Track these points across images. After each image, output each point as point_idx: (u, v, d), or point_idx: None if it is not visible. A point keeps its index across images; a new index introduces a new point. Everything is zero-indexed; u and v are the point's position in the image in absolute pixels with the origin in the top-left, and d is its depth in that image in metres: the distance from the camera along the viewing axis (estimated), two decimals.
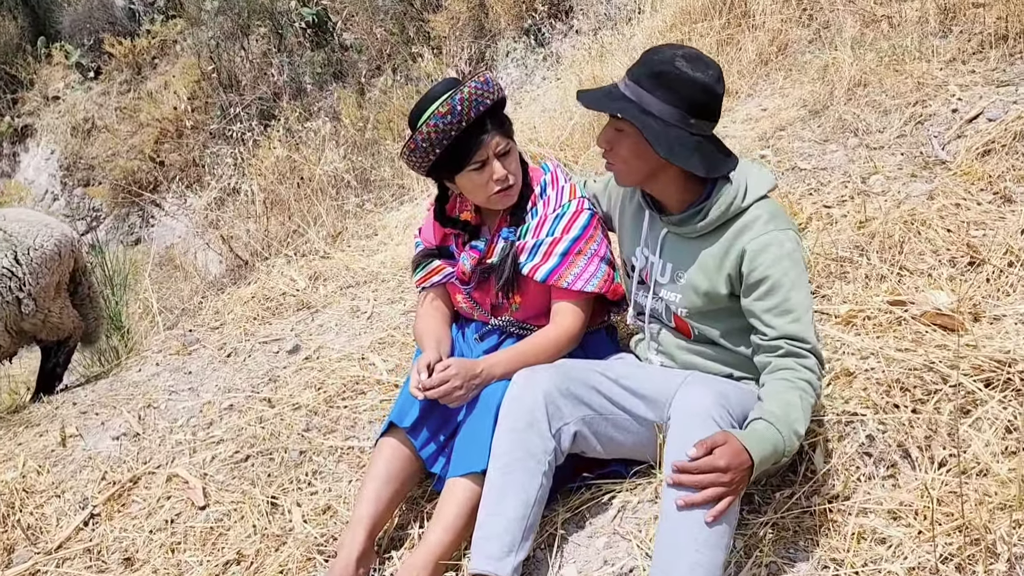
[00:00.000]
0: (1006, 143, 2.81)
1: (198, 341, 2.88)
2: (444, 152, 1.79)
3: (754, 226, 1.60)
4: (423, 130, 1.76)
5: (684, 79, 1.56)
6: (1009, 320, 1.92)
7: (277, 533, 1.92)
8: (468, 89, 1.75)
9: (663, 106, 1.57)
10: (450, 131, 1.76)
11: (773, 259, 1.56)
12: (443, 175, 1.88)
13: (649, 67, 1.59)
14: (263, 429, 2.29)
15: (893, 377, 1.83)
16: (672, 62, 1.57)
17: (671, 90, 1.56)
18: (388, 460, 1.80)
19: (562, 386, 1.68)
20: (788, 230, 1.61)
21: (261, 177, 4.50)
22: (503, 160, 1.82)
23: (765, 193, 1.65)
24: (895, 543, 1.50)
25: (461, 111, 1.74)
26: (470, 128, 1.77)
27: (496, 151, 1.81)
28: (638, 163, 1.64)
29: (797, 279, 1.56)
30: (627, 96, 1.60)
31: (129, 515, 2.09)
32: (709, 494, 1.39)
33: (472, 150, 1.79)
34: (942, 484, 1.59)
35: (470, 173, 1.81)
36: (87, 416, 2.55)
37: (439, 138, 1.76)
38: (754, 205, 1.63)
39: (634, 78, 1.61)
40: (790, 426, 1.46)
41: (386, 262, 3.14)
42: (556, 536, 1.71)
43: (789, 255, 1.57)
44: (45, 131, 10.51)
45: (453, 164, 1.81)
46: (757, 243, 1.57)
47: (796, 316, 1.54)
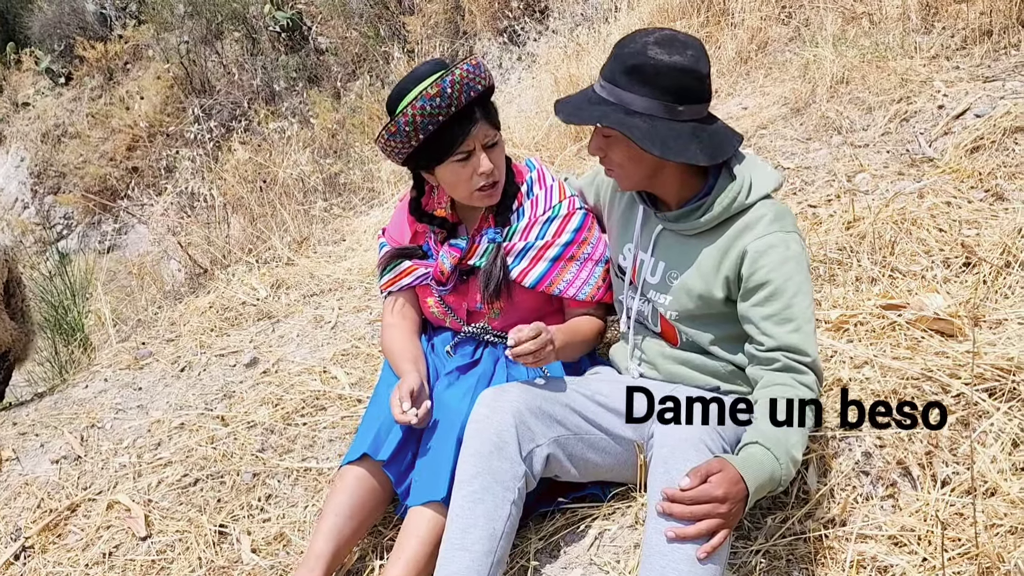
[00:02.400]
0: (995, 139, 2.70)
1: (151, 354, 2.68)
2: (427, 139, 1.62)
3: (757, 226, 1.45)
4: (407, 112, 1.58)
5: (662, 67, 1.40)
6: (1011, 324, 1.79)
7: (223, 565, 1.74)
8: (460, 71, 1.58)
9: (646, 101, 1.41)
10: (437, 116, 1.58)
11: (776, 262, 1.40)
12: (422, 165, 1.70)
13: (622, 62, 1.44)
14: (215, 450, 2.11)
15: (889, 388, 1.69)
16: (645, 52, 1.42)
17: (650, 83, 1.41)
18: (352, 492, 1.62)
19: (533, 404, 1.51)
20: (794, 232, 1.46)
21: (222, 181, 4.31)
22: (490, 152, 1.66)
23: (770, 192, 1.50)
24: (898, 573, 1.36)
25: (451, 94, 1.57)
26: (458, 115, 1.60)
27: (483, 142, 1.64)
28: (634, 166, 1.49)
29: (801, 286, 1.41)
30: (605, 99, 1.45)
31: (65, 547, 1.90)
32: (703, 527, 1.23)
33: (458, 139, 1.61)
34: (947, 505, 1.44)
35: (454, 164, 1.64)
36: (26, 437, 2.35)
37: (424, 122, 1.59)
38: (758, 204, 1.48)
39: (609, 77, 1.46)
40: (788, 452, 1.31)
41: (353, 269, 2.96)
42: (528, 568, 1.54)
43: (795, 259, 1.42)
44: (14, 138, 10.24)
45: (436, 153, 1.64)
46: (760, 244, 1.42)
47: (797, 326, 1.39)
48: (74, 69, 10.46)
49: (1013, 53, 3.33)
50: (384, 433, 1.61)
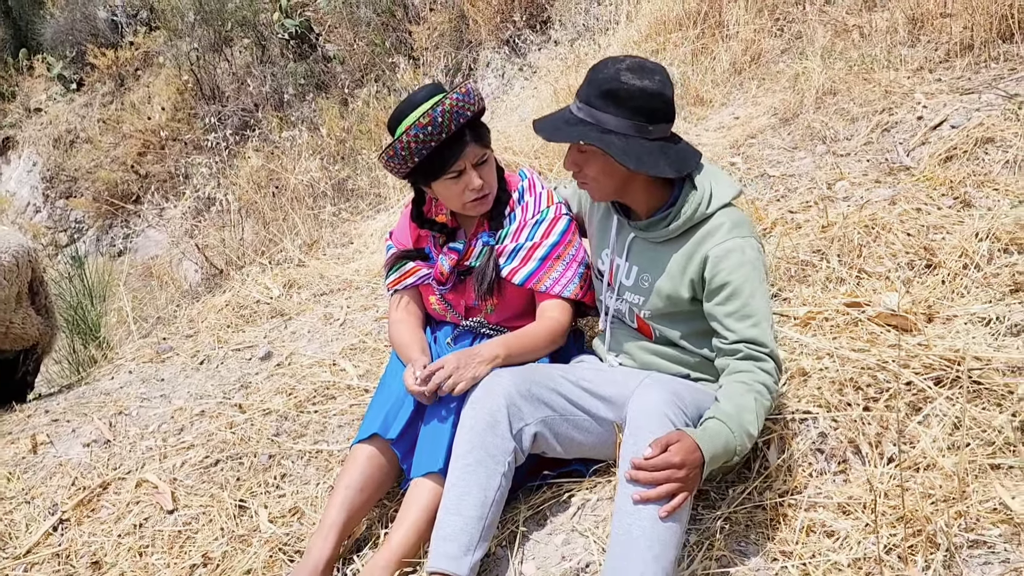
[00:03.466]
0: (967, 149, 2.89)
1: (171, 349, 2.90)
2: (423, 160, 1.84)
3: (717, 233, 1.65)
4: (403, 139, 1.80)
5: (633, 91, 1.61)
6: (960, 320, 1.98)
7: (244, 534, 1.95)
8: (450, 101, 1.78)
9: (620, 121, 1.62)
10: (429, 142, 1.79)
11: (734, 265, 1.61)
12: (420, 180, 1.92)
13: (597, 86, 1.64)
14: (233, 434, 2.32)
15: (847, 376, 1.89)
16: (618, 78, 1.62)
17: (623, 105, 1.62)
18: (363, 468, 1.83)
19: (523, 388, 1.72)
20: (750, 238, 1.66)
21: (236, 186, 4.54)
22: (479, 170, 1.87)
23: (730, 200, 1.70)
24: (842, 535, 1.56)
25: (442, 123, 1.78)
26: (449, 139, 1.81)
27: (473, 161, 1.85)
28: (607, 180, 1.69)
29: (757, 286, 1.61)
30: (583, 119, 1.65)
31: (98, 520, 2.12)
32: (663, 490, 1.43)
33: (449, 161, 1.82)
34: (889, 479, 1.64)
35: (447, 181, 1.86)
36: (58, 424, 2.58)
37: (418, 147, 1.80)
38: (719, 212, 1.68)
39: (585, 99, 1.66)
40: (743, 426, 1.51)
41: (360, 270, 3.18)
42: (517, 533, 1.75)
43: (751, 262, 1.62)
44: (27, 143, 10.53)
45: (431, 172, 1.85)
46: (720, 249, 1.63)
47: (755, 321, 1.60)
48: (86, 75, 10.76)
49: (992, 66, 3.52)
50: (392, 415, 1.82)
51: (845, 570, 1.47)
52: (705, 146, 3.73)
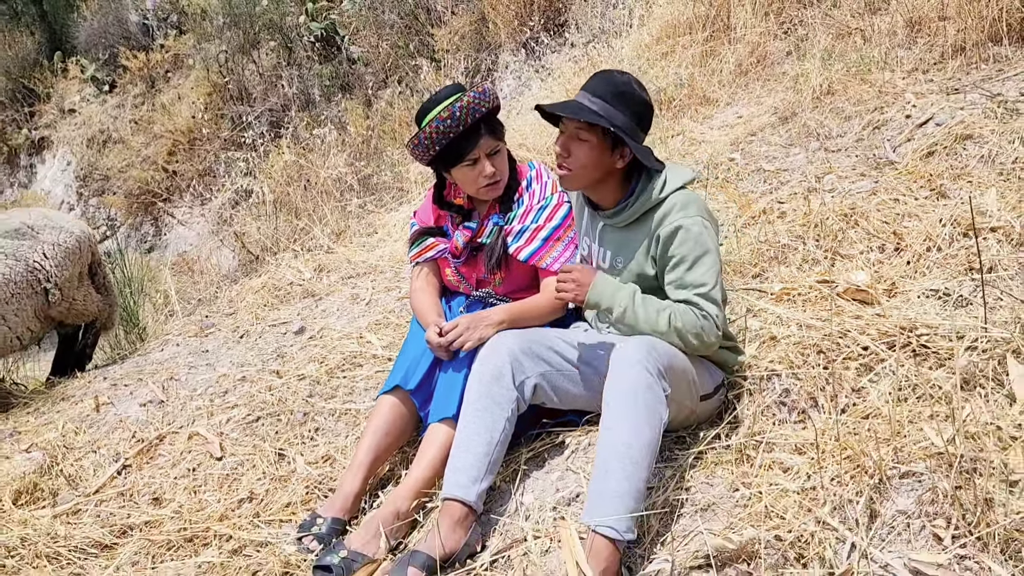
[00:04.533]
0: (948, 145, 3.16)
1: (214, 325, 3.26)
2: (443, 149, 2.17)
3: (669, 214, 1.96)
4: (427, 130, 2.14)
5: (639, 99, 1.95)
6: (914, 295, 2.27)
7: (283, 476, 2.29)
8: (468, 98, 2.12)
9: (625, 120, 1.94)
10: (449, 133, 2.13)
11: (680, 241, 1.91)
12: (441, 167, 2.25)
13: (614, 87, 1.95)
14: (272, 396, 2.67)
15: (811, 341, 2.19)
16: (630, 84, 1.96)
17: (631, 107, 1.94)
18: (386, 416, 2.17)
19: (525, 347, 2.04)
20: (696, 216, 1.95)
21: (271, 180, 4.92)
22: (492, 159, 2.19)
23: (682, 185, 2.01)
24: (794, 470, 1.85)
25: (460, 117, 2.11)
26: (466, 131, 2.14)
27: (487, 151, 2.18)
28: (590, 170, 1.99)
29: (700, 257, 1.90)
30: (595, 110, 1.96)
31: (156, 466, 2.47)
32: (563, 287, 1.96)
33: (466, 150, 2.15)
34: (839, 425, 1.93)
35: (464, 168, 2.19)
36: (117, 388, 2.94)
37: (439, 137, 2.14)
38: (671, 196, 1.98)
39: (600, 94, 1.96)
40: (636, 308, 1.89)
41: (384, 256, 3.52)
42: (519, 471, 2.07)
43: (695, 237, 1.92)
44: (61, 143, 11.04)
45: (450, 159, 2.19)
46: (668, 228, 1.93)
47: (700, 287, 1.89)
48: (118, 77, 11.26)
49: (982, 67, 3.79)
50: (412, 370, 2.16)
51: (792, 495, 1.77)
52: (708, 143, 4.03)
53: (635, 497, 1.72)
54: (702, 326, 1.88)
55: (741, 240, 2.80)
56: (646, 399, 1.77)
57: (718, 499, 1.86)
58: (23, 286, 3.00)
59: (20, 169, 11.41)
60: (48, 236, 3.20)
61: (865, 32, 4.53)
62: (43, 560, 2.05)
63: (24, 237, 3.08)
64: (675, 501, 1.87)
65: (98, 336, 3.53)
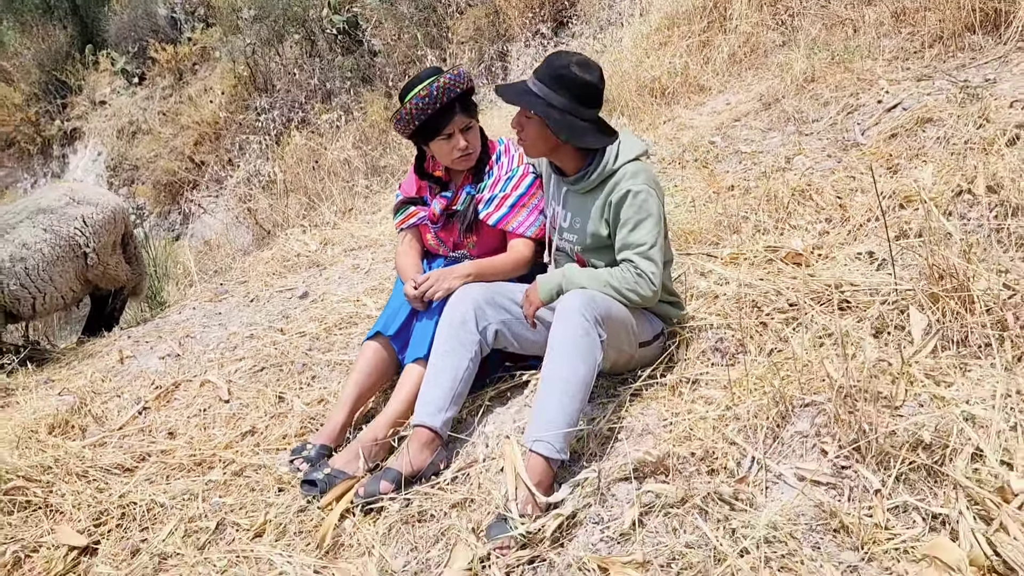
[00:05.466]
0: (910, 128, 3.45)
1: (227, 292, 3.66)
2: (421, 124, 2.52)
3: (620, 183, 2.28)
4: (407, 106, 2.49)
5: (577, 81, 2.26)
6: (843, 258, 2.58)
7: (282, 413, 2.67)
8: (444, 80, 2.48)
9: (562, 100, 2.26)
10: (427, 109, 2.48)
11: (626, 207, 2.24)
12: (420, 140, 2.61)
13: (552, 70, 2.28)
14: (276, 349, 3.05)
15: (750, 298, 2.50)
16: (568, 67, 2.27)
17: (568, 88, 2.26)
18: (369, 358, 2.53)
19: (488, 297, 2.39)
20: (643, 185, 2.26)
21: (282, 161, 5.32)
22: (465, 134, 2.54)
23: (635, 157, 2.33)
24: (716, 402, 2.18)
25: (436, 96, 2.47)
26: (442, 109, 2.49)
27: (460, 127, 2.53)
28: (541, 142, 2.33)
29: (642, 221, 2.22)
30: (535, 92, 2.30)
31: (172, 408, 2.87)
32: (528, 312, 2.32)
33: (442, 125, 2.51)
34: (762, 366, 2.25)
35: (440, 142, 2.54)
36: (139, 344, 3.35)
37: (418, 113, 2.49)
38: (623, 167, 2.31)
39: (541, 78, 2.30)
40: (578, 276, 2.24)
41: (385, 232, 3.89)
42: (483, 406, 2.42)
43: (640, 203, 2.24)
44: (92, 134, 11.64)
45: (427, 133, 2.54)
46: (617, 195, 2.26)
47: (637, 248, 2.22)
48: (147, 70, 11.83)
49: (958, 56, 4.05)
50: (392, 319, 2.52)
51: (710, 421, 2.10)
52: (694, 128, 4.34)
53: (568, 423, 2.06)
54: (637, 282, 2.21)
55: (703, 213, 3.11)
56: (584, 343, 2.10)
57: (650, 427, 2.19)
58: (67, 250, 3.44)
59: (53, 159, 12.03)
60: (87, 206, 3.63)
61: (856, 23, 4.81)
62: (73, 476, 2.45)
63: (67, 207, 3.52)
64: (613, 429, 2.21)
65: (126, 302, 3.95)
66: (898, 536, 1.70)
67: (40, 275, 3.48)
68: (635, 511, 1.90)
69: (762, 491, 1.89)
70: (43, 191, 3.83)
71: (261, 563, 2.06)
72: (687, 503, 1.89)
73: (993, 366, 2.03)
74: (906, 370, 2.05)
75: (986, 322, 2.10)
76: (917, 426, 1.86)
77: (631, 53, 5.04)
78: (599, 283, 2.21)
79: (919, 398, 1.98)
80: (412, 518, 2.12)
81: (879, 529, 1.72)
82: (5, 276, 3.43)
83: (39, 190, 3.76)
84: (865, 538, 1.71)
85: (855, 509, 1.76)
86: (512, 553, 1.91)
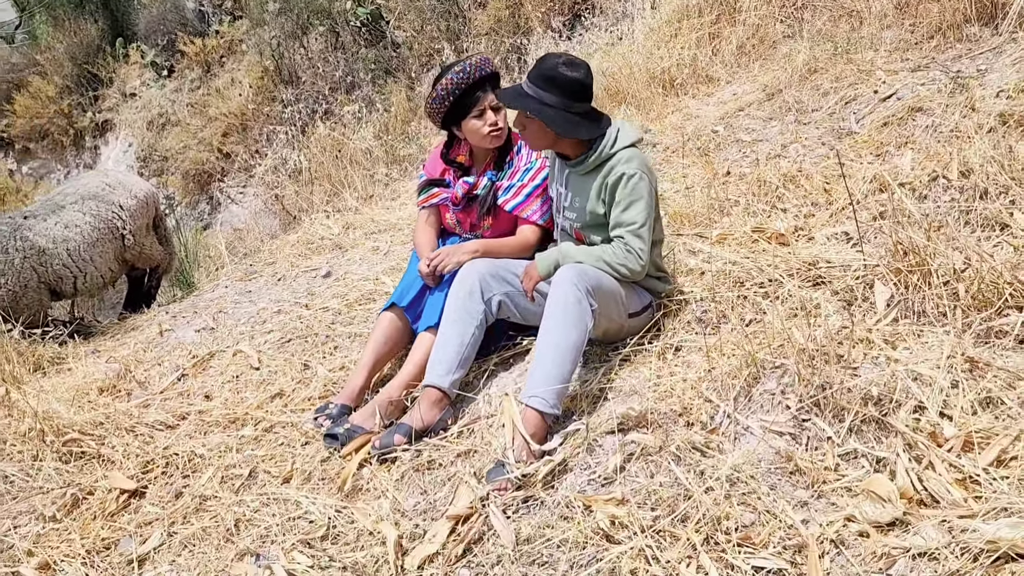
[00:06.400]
0: (902, 116, 3.68)
1: (256, 272, 4.00)
2: (456, 102, 2.79)
3: (616, 167, 2.56)
4: (443, 82, 2.78)
5: (566, 79, 2.53)
6: (822, 238, 2.83)
7: (307, 379, 2.99)
8: (475, 59, 2.79)
9: (554, 98, 2.54)
10: (461, 84, 2.77)
11: (620, 188, 2.51)
12: (452, 123, 2.89)
13: (542, 72, 2.55)
14: (301, 323, 3.37)
15: (733, 274, 2.77)
16: (556, 68, 2.54)
17: (558, 87, 2.53)
18: (385, 328, 2.84)
19: (493, 271, 2.69)
20: (637, 169, 2.54)
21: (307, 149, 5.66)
22: (495, 113, 2.83)
23: (630, 143, 2.60)
24: (698, 366, 2.45)
25: (469, 71, 2.76)
26: (474, 85, 2.78)
27: (490, 104, 2.81)
28: (541, 137, 2.62)
29: (634, 202, 2.50)
30: (530, 94, 2.58)
31: (207, 374, 3.20)
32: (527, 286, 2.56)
33: (474, 102, 2.79)
34: (739, 334, 2.52)
35: (472, 120, 2.82)
36: (176, 319, 3.69)
37: (453, 88, 2.77)
38: (620, 152, 2.58)
39: (533, 80, 2.58)
40: (574, 252, 2.51)
41: (404, 217, 4.20)
42: (488, 370, 2.72)
43: (633, 185, 2.51)
44: (123, 125, 12.09)
45: (461, 113, 2.81)
46: (613, 177, 2.54)
47: (632, 227, 2.50)
48: (176, 62, 12.26)
49: (956, 47, 4.26)
50: (406, 291, 2.83)
51: (690, 382, 2.37)
52: (699, 118, 4.59)
53: (560, 381, 2.34)
54: (627, 257, 2.49)
55: (698, 197, 3.38)
56: (575, 310, 2.39)
57: (636, 388, 2.47)
58: (106, 232, 3.80)
59: (85, 150, 12.51)
60: (124, 192, 3.99)
61: (862, 14, 5.02)
62: (122, 431, 2.79)
63: (106, 192, 3.88)
64: (603, 389, 2.49)
65: (160, 280, 4.31)
66: (845, 477, 1.97)
67: (82, 255, 3.83)
68: (618, 458, 2.19)
69: (731, 441, 2.17)
70: (83, 178, 4.19)
71: (289, 504, 2.38)
72: (663, 451, 2.17)
73: (947, 333, 2.29)
74: (866, 336, 2.31)
75: (942, 294, 2.35)
76: (869, 383, 2.12)
77: (642, 45, 5.29)
78: (593, 258, 2.49)
79: (876, 360, 2.24)
80: (422, 466, 2.43)
81: (829, 472, 1.99)
82: (50, 256, 3.79)
83: (78, 177, 4.14)
84: (816, 478, 1.98)
85: (809, 455, 2.03)
86: (509, 493, 2.20)
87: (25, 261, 3.69)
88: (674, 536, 1.92)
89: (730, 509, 1.95)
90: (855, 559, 1.75)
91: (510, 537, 2.07)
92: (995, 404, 2.03)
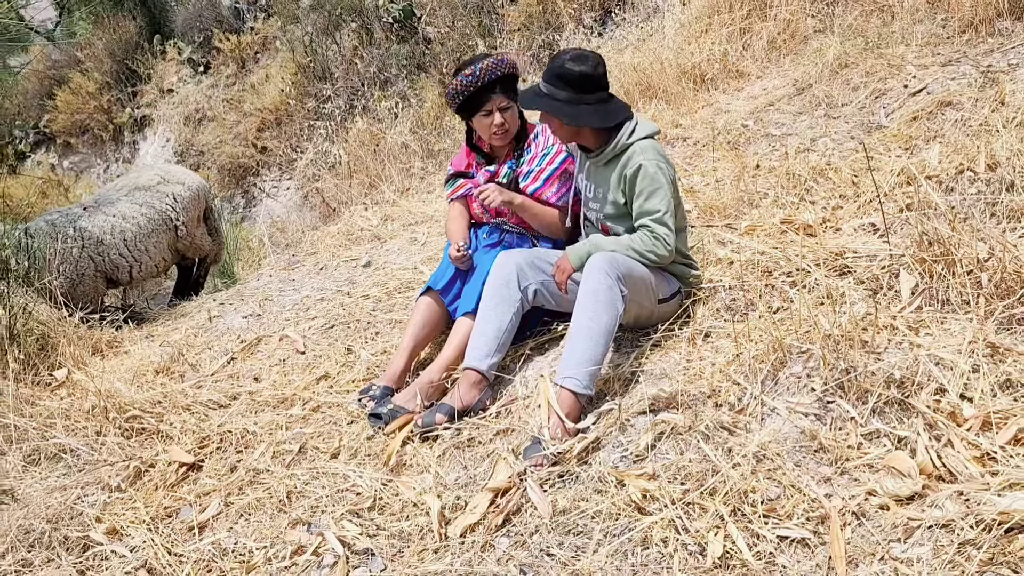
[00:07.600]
0: (932, 110, 3.75)
1: (299, 261, 4.17)
2: (467, 99, 2.95)
3: (632, 158, 2.68)
4: (454, 83, 2.94)
5: (573, 74, 2.65)
6: (850, 229, 2.93)
7: (351, 362, 3.14)
8: (488, 62, 2.93)
9: (566, 93, 2.66)
10: (470, 86, 2.93)
11: (639, 179, 2.63)
12: (466, 115, 3.05)
13: (552, 70, 2.68)
14: (343, 310, 3.53)
15: (761, 264, 2.88)
16: (563, 65, 2.66)
17: (567, 83, 2.66)
18: (423, 312, 2.99)
19: (529, 260, 2.82)
20: (654, 159, 2.65)
21: (347, 144, 5.83)
22: (503, 113, 2.97)
23: (647, 135, 2.72)
24: (726, 350, 2.56)
25: (479, 75, 2.92)
26: (484, 87, 2.93)
27: (498, 106, 2.96)
28: (563, 130, 2.74)
29: (655, 191, 2.62)
30: (544, 93, 2.70)
31: (255, 358, 3.37)
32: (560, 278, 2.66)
33: (483, 102, 2.95)
34: (767, 321, 2.63)
35: (480, 117, 2.98)
36: (224, 306, 3.87)
37: (463, 89, 2.94)
38: (637, 143, 2.70)
39: (546, 79, 2.70)
40: (596, 245, 2.62)
41: (440, 209, 4.35)
42: (524, 355, 2.85)
43: (652, 176, 2.63)
44: (161, 121, 12.40)
45: (472, 108, 2.99)
46: (630, 169, 2.66)
47: (655, 215, 2.61)
48: (211, 59, 12.53)
49: (988, 41, 4.31)
50: (440, 276, 2.98)
51: (719, 366, 2.49)
52: (730, 112, 4.68)
53: (593, 363, 2.47)
54: (655, 244, 2.61)
55: (727, 190, 3.48)
56: (606, 296, 2.52)
57: (667, 371, 2.59)
58: (160, 223, 4.00)
59: (124, 145, 12.84)
60: (177, 185, 4.19)
61: (893, 8, 5.07)
62: (179, 409, 2.96)
63: (160, 185, 4.08)
64: (635, 372, 2.61)
65: (208, 269, 4.51)
66: (868, 454, 2.07)
67: (137, 246, 4.04)
68: (649, 436, 2.31)
69: (757, 421, 2.28)
70: (137, 172, 4.40)
71: (337, 477, 2.53)
72: (693, 430, 2.29)
73: (969, 320, 2.38)
74: (890, 322, 2.41)
75: (965, 282, 2.44)
76: (892, 367, 2.23)
77: (672, 41, 5.38)
78: (622, 247, 2.62)
79: (899, 345, 2.34)
80: (463, 444, 2.57)
81: (852, 449, 2.10)
82: (107, 247, 3.99)
83: (134, 171, 4.35)
84: (840, 456, 2.09)
85: (833, 434, 2.14)
86: (545, 468, 2.34)
87: (83, 251, 3.90)
88: (703, 508, 2.04)
89: (756, 483, 2.06)
90: (875, 529, 1.86)
91: (547, 508, 2.20)
92: (1015, 387, 2.12)
